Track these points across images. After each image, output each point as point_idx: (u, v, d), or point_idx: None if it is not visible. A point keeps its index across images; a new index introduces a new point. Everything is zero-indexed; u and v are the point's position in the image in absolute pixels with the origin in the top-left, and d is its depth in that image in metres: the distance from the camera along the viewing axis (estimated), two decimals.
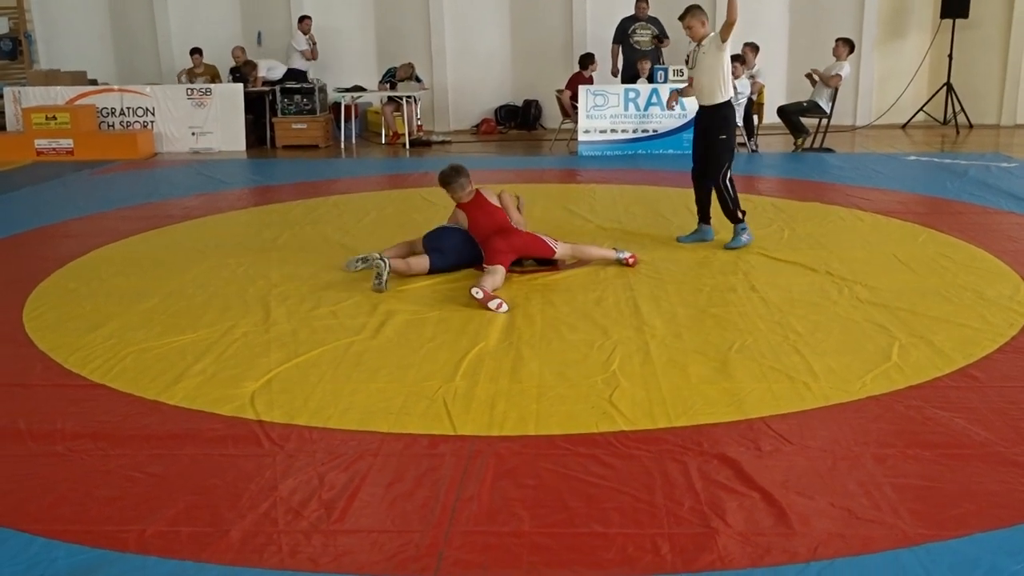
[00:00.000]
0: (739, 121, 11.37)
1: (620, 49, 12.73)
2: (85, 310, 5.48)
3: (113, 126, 12.93)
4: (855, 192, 8.73)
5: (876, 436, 3.63)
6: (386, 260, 5.73)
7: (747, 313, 5.14)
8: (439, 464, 3.46)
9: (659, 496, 3.19)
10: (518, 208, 6.37)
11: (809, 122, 11.77)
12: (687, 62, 6.89)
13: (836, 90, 11.54)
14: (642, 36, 12.63)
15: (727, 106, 6.68)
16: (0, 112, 13.34)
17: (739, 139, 11.73)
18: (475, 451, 3.55)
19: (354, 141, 13.21)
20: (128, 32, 15.04)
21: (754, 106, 11.88)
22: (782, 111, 11.79)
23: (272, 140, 13.14)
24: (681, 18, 6.77)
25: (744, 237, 6.64)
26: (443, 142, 13.41)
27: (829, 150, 11.62)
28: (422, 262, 5.96)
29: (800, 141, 11.66)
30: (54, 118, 12.34)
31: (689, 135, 11.30)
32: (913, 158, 10.89)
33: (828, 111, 11.56)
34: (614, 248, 6.35)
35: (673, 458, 3.46)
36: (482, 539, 2.95)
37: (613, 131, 11.68)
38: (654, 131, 11.62)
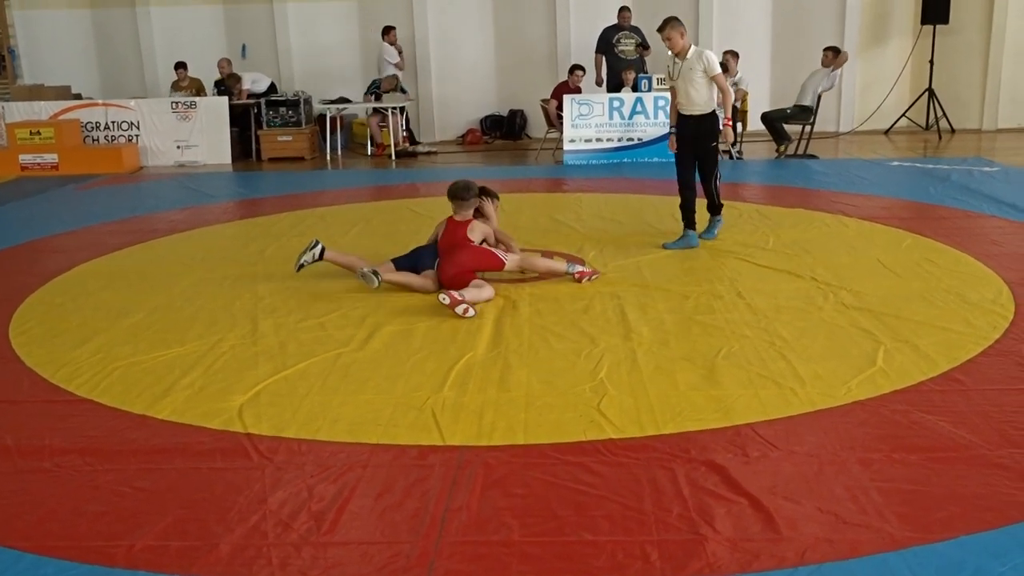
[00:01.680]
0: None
1: (604, 58, 12.79)
2: (71, 325, 5.46)
3: (98, 140, 12.90)
4: (839, 198, 8.78)
5: (862, 441, 3.65)
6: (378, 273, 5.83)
7: (733, 320, 5.17)
8: (428, 475, 3.46)
9: (648, 503, 3.20)
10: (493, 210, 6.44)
11: (793, 129, 11.84)
12: (669, 74, 6.96)
13: (820, 96, 11.62)
14: (626, 45, 12.68)
15: (714, 115, 6.96)
16: None
17: (723, 146, 11.80)
18: (464, 461, 3.56)
19: (340, 153, 13.22)
20: (112, 46, 15.02)
21: (738, 113, 11.93)
22: (765, 118, 11.86)
23: (258, 153, 13.14)
24: (660, 30, 6.88)
25: (717, 228, 7.16)
26: (428, 153, 13.43)
27: (813, 156, 11.69)
28: (427, 282, 5.91)
29: (783, 148, 11.73)
30: (38, 133, 12.31)
31: None
32: (896, 163, 10.97)
33: (814, 107, 11.62)
34: (567, 261, 6.28)
35: (661, 465, 3.48)
36: (472, 549, 2.96)
37: (598, 140, 11.72)
38: (639, 140, 11.67)
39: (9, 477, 3.57)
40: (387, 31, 13.55)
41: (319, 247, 6.16)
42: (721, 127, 7.03)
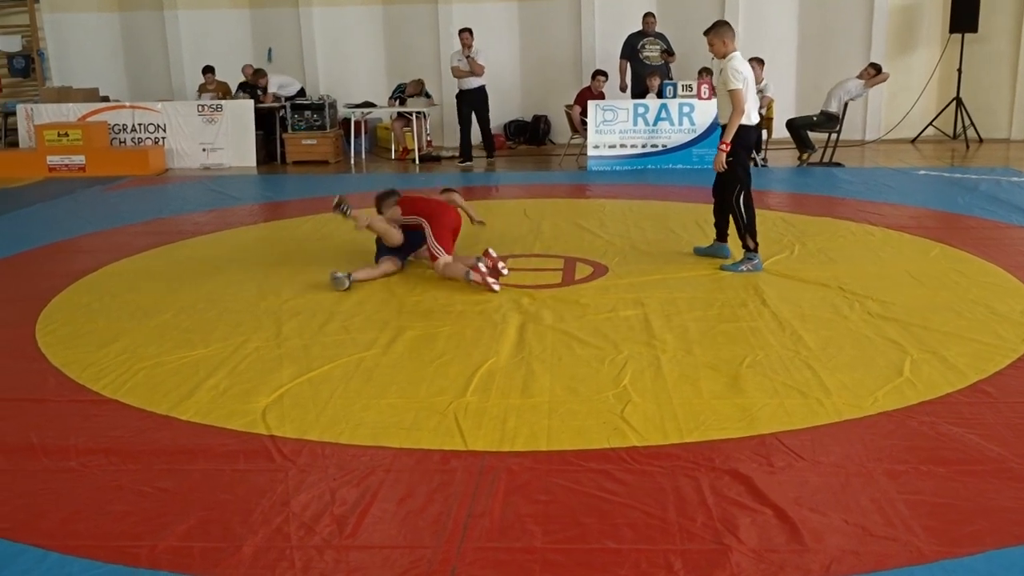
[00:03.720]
0: None
1: (628, 64, 12.78)
2: (97, 325, 5.50)
3: (125, 142, 13.01)
4: (866, 207, 8.72)
5: (889, 452, 3.61)
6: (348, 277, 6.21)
7: (758, 328, 5.14)
8: (451, 480, 3.45)
9: (671, 512, 3.18)
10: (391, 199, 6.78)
11: (818, 137, 11.77)
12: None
13: (847, 105, 11.56)
14: (651, 51, 12.67)
15: (740, 129, 6.41)
16: (13, 129, 13.46)
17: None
18: (487, 467, 3.55)
19: (364, 157, 13.26)
20: (140, 49, 15.16)
21: (763, 120, 11.88)
22: (791, 125, 11.80)
23: (282, 156, 13.21)
24: (706, 32, 6.57)
25: (744, 267, 6.41)
26: (452, 157, 13.44)
27: (839, 164, 11.61)
28: (389, 265, 6.47)
29: (805, 156, 11.66)
30: (66, 135, 12.42)
31: (698, 150, 11.47)
32: (923, 172, 10.88)
33: (840, 115, 11.55)
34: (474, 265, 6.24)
35: (685, 474, 3.46)
36: (494, 555, 2.95)
37: (622, 146, 11.70)
38: (663, 146, 11.63)
39: (35, 476, 3.59)
40: (460, 33, 12.87)
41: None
42: (722, 147, 6.40)
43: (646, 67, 12.53)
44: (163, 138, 12.99)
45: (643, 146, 11.69)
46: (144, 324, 5.48)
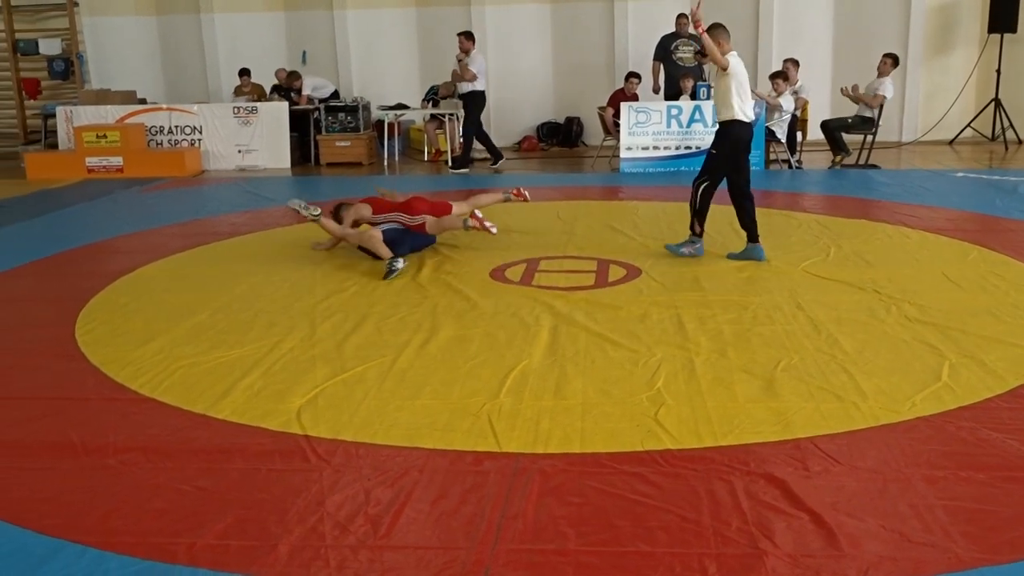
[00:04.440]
0: (782, 137, 11.40)
1: (661, 66, 12.73)
2: (135, 325, 5.57)
3: (161, 144, 13.16)
4: (902, 209, 8.63)
5: (927, 457, 3.57)
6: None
7: (793, 332, 5.10)
8: (484, 481, 3.46)
9: (706, 516, 3.16)
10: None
11: (854, 139, 11.66)
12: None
13: (882, 106, 11.44)
14: (685, 52, 12.61)
15: (732, 124, 6.72)
16: (53, 131, 13.65)
17: (782, 156, 11.70)
18: (520, 468, 3.55)
19: (397, 159, 13.32)
20: (177, 52, 15.33)
21: (798, 122, 11.81)
22: (825, 127, 11.70)
23: (316, 158, 13.30)
24: (702, 53, 6.75)
25: (685, 249, 6.85)
26: (485, 159, 13.46)
27: (874, 166, 11.50)
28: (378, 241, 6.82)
29: (838, 159, 11.54)
30: (104, 136, 12.59)
31: None
32: (961, 175, 10.75)
33: (876, 118, 11.43)
34: (503, 191, 7.60)
35: (720, 477, 3.44)
36: (528, 556, 2.95)
37: (655, 148, 11.66)
38: (697, 148, 11.56)
39: (74, 473, 3.64)
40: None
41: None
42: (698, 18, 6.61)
43: (679, 68, 12.48)
44: (199, 140, 13.13)
45: (676, 148, 11.64)
46: (180, 324, 5.54)
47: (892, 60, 11.44)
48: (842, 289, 5.94)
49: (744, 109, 6.68)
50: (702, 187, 6.84)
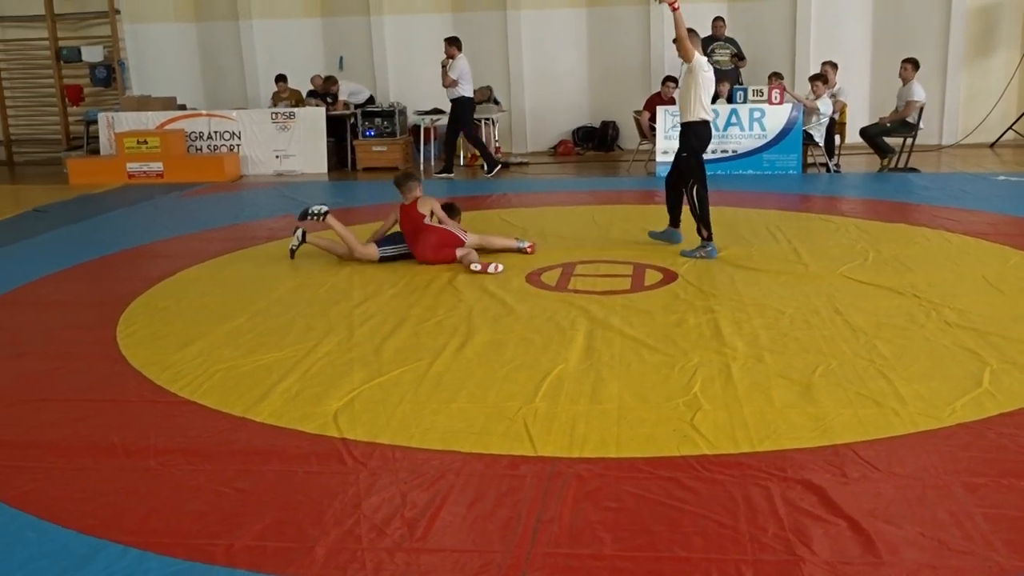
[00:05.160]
0: (820, 141, 11.31)
1: None
2: (175, 328, 5.64)
3: (201, 149, 13.32)
4: (942, 213, 8.52)
5: (967, 464, 3.52)
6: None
7: (831, 337, 5.05)
8: (520, 485, 3.47)
9: (742, 522, 3.15)
10: (455, 216, 7.41)
11: (894, 142, 11.53)
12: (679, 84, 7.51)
13: (921, 109, 11.31)
14: (721, 56, 12.56)
15: (694, 125, 7.10)
16: (95, 137, 13.87)
17: (820, 159, 11.60)
18: (556, 472, 3.55)
19: (433, 163, 13.37)
20: (216, 58, 15.51)
21: (836, 125, 11.70)
22: (865, 133, 11.58)
23: (353, 162, 13.40)
24: (674, 40, 7.26)
25: (698, 253, 6.99)
26: (520, 164, 13.49)
27: (914, 170, 11.37)
28: (370, 249, 7.11)
29: (886, 161, 11.43)
30: (145, 142, 12.77)
31: (769, 155, 11.36)
32: (1002, 178, 10.59)
33: (915, 122, 11.30)
34: (516, 238, 7.36)
35: (756, 483, 3.42)
36: (564, 561, 2.95)
37: None
38: (733, 152, 11.51)
39: (116, 474, 3.70)
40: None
41: (299, 231, 7.42)
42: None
43: (715, 72, 12.41)
44: (238, 145, 13.27)
45: (712, 152, 11.54)
46: (220, 327, 5.61)
47: (912, 64, 11.31)
48: (881, 294, 5.88)
49: (706, 109, 7.09)
50: (695, 190, 7.11)
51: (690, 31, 7.11)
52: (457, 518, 3.24)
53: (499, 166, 12.50)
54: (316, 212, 7.43)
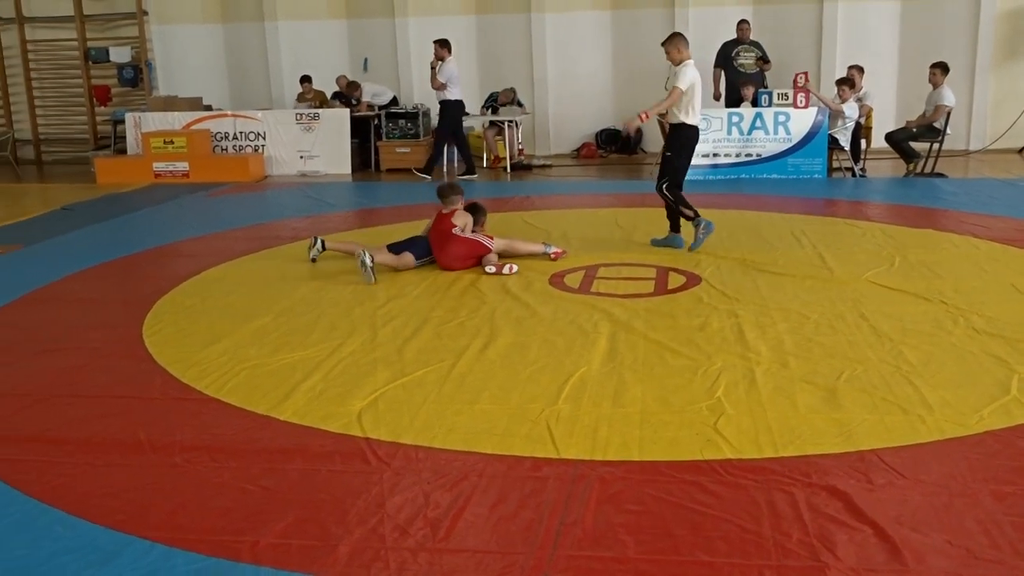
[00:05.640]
0: (845, 145, 11.24)
1: (722, 73, 12.65)
2: (200, 327, 5.68)
3: (226, 150, 13.41)
4: (969, 219, 8.45)
5: (995, 472, 3.49)
6: (368, 253, 6.66)
7: (857, 342, 5.02)
8: (542, 487, 3.47)
9: (766, 527, 3.13)
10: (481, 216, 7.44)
11: (920, 147, 11.45)
12: (666, 86, 7.65)
13: (949, 113, 11.22)
14: (746, 59, 12.51)
15: (682, 127, 7.40)
16: (122, 137, 13.99)
17: (845, 163, 11.53)
18: (578, 475, 3.55)
19: (456, 165, 13.39)
20: (241, 59, 15.61)
21: (862, 130, 11.63)
22: (890, 138, 11.50)
23: (377, 163, 13.45)
24: (663, 44, 7.51)
25: (701, 235, 7.34)
26: (543, 166, 13.49)
27: (941, 175, 11.27)
28: (407, 259, 6.96)
29: (912, 166, 11.34)
30: (171, 142, 12.87)
31: (794, 159, 11.30)
32: None
33: (942, 127, 11.21)
34: (543, 243, 7.30)
35: (780, 488, 3.40)
36: (586, 563, 2.95)
37: (715, 155, 11.57)
38: (758, 155, 11.47)
39: (142, 471, 3.73)
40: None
41: (319, 242, 7.29)
42: (639, 119, 7.27)
43: (740, 75, 12.38)
44: (263, 146, 13.34)
45: (737, 156, 11.54)
46: (244, 326, 5.64)
47: (941, 69, 11.22)
48: (907, 300, 5.83)
49: (693, 114, 7.37)
50: (665, 187, 7.51)
51: (677, 34, 7.60)
52: (480, 519, 3.24)
53: (475, 174, 12.48)
54: (366, 263, 6.63)
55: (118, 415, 4.30)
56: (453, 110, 12.30)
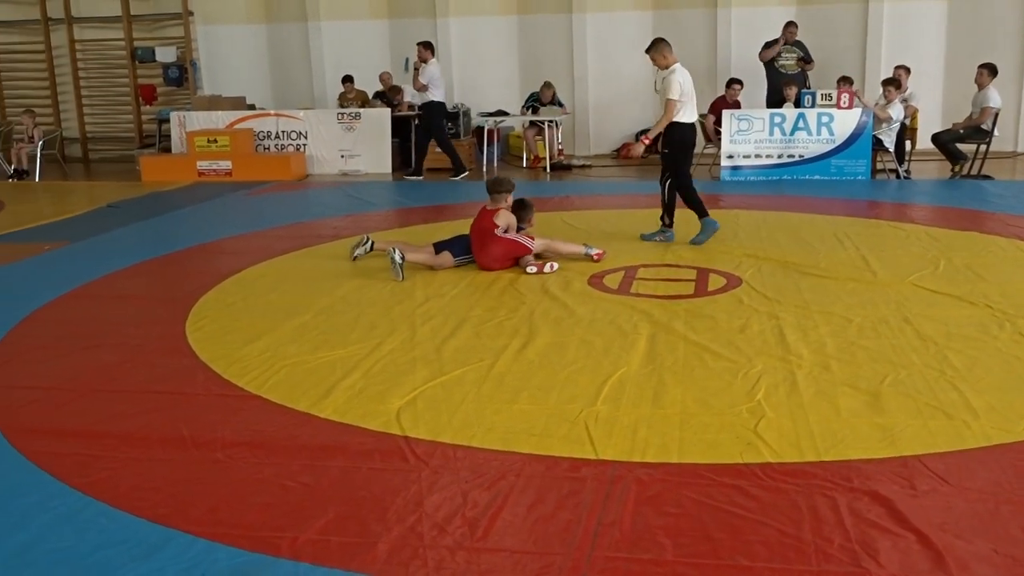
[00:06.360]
0: (890, 146, 11.10)
1: (765, 73, 12.55)
2: (242, 324, 5.74)
3: (268, 149, 13.54)
4: (1016, 221, 8.30)
5: None
6: (398, 251, 6.72)
7: (900, 346, 4.95)
8: (580, 487, 3.46)
9: (807, 532, 3.10)
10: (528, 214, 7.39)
11: (967, 148, 11.27)
12: (655, 87, 7.99)
13: (996, 115, 11.04)
14: (787, 60, 12.41)
15: (676, 126, 7.64)
16: (166, 135, 14.19)
17: (890, 165, 11.38)
18: (616, 476, 3.54)
19: (496, 164, 13.41)
20: (284, 59, 15.76)
21: (907, 131, 11.47)
22: (937, 139, 11.34)
23: (419, 166, 13.46)
24: (647, 51, 7.91)
25: (657, 237, 7.78)
26: (583, 166, 13.46)
27: (987, 177, 11.09)
28: (444, 257, 7.00)
29: (958, 168, 11.18)
30: (215, 141, 13.02)
31: (837, 160, 11.18)
32: None
33: (989, 129, 11.03)
34: (584, 244, 7.24)
35: (821, 493, 3.36)
36: (624, 565, 2.94)
37: (757, 156, 11.48)
38: (800, 156, 11.36)
39: (184, 466, 3.77)
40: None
41: (370, 242, 7.27)
42: (641, 143, 7.85)
43: (781, 76, 12.28)
44: (304, 145, 13.46)
45: (779, 156, 11.44)
46: (285, 324, 5.69)
47: (988, 70, 11.04)
48: (952, 303, 5.75)
49: (686, 113, 7.66)
50: (667, 183, 7.80)
51: (661, 40, 8.04)
52: (518, 519, 3.24)
53: (466, 172, 12.50)
54: (395, 260, 6.72)
55: (161, 410, 4.35)
56: (435, 111, 12.38)
